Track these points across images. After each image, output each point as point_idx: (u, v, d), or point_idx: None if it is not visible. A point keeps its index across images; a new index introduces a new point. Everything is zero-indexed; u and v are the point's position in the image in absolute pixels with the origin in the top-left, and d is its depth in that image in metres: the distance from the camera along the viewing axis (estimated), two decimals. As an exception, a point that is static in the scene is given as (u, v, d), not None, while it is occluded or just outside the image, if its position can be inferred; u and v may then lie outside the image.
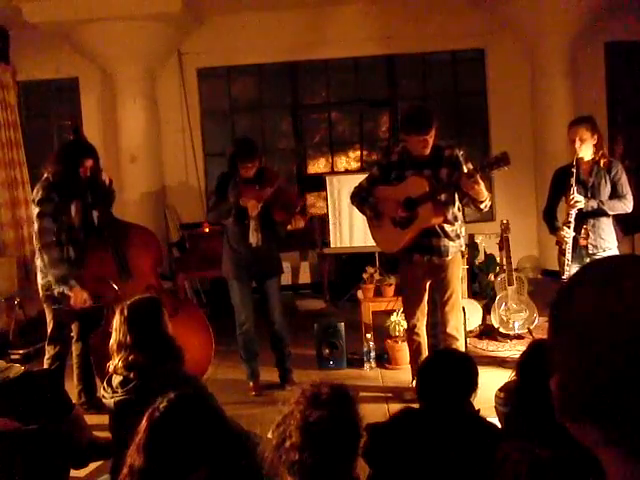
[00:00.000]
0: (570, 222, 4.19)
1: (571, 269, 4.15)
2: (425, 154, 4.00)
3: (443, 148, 4.08)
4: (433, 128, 3.92)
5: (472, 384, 2.31)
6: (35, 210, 4.15)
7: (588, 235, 4.22)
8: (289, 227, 4.49)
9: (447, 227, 4.07)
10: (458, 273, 4.25)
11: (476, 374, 2.35)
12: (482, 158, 7.68)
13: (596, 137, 4.20)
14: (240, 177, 4.41)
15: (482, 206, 3.93)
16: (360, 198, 4.27)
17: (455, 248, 4.14)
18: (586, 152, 4.21)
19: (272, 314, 4.61)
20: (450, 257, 4.12)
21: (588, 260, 4.05)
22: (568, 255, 4.20)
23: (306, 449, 1.59)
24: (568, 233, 4.20)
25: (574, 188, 4.15)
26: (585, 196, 4.19)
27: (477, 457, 1.84)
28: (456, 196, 4.05)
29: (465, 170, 3.89)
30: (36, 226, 4.14)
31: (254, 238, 4.42)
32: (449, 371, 2.29)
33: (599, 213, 4.22)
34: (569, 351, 0.76)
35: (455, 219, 4.10)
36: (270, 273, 4.62)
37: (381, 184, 4.19)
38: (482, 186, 3.78)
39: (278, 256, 4.77)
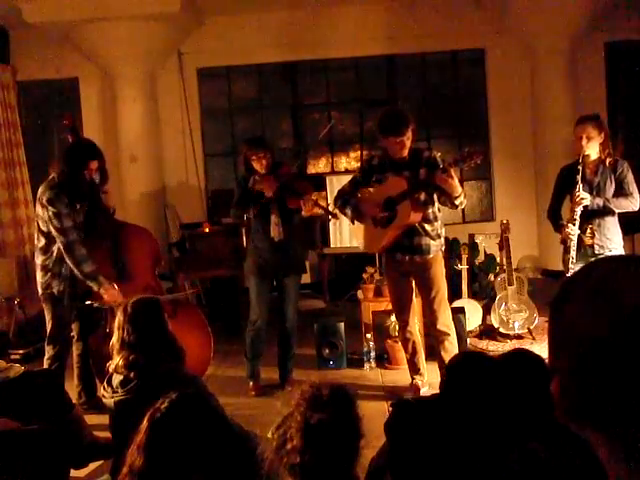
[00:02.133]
0: (575, 219, 4.15)
1: (575, 268, 4.13)
2: (402, 155, 4.10)
3: (422, 151, 4.23)
4: (409, 129, 4.02)
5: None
6: (48, 211, 4.08)
7: (593, 235, 4.18)
8: (304, 213, 4.45)
9: (427, 226, 4.15)
10: (442, 271, 4.32)
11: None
12: (489, 157, 7.71)
13: (603, 135, 4.18)
14: (258, 173, 4.45)
15: (457, 202, 4.00)
16: (342, 201, 4.38)
17: (436, 247, 4.22)
18: (592, 150, 4.19)
19: (286, 311, 4.62)
20: (432, 255, 4.20)
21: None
22: (572, 253, 4.16)
23: (307, 451, 1.59)
24: (573, 230, 4.16)
25: (580, 185, 4.12)
26: (591, 195, 4.15)
27: (487, 455, 1.84)
28: (435, 196, 4.12)
29: (440, 166, 3.98)
30: (56, 225, 4.07)
31: (275, 232, 4.46)
32: (481, 378, 2.24)
33: (605, 212, 4.18)
34: (568, 353, 0.76)
35: (435, 219, 4.19)
36: (291, 270, 4.61)
37: (363, 187, 4.30)
38: (456, 180, 3.88)
39: (301, 255, 4.78)
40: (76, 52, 7.67)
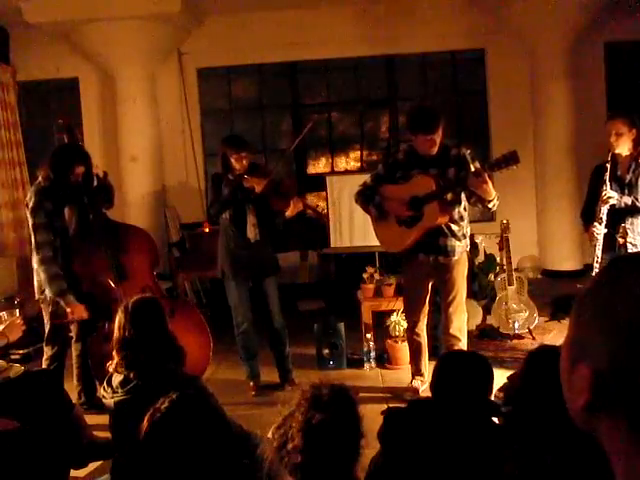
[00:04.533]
0: (601, 218, 4.05)
1: (601, 266, 4.05)
2: (432, 153, 3.95)
3: (450, 147, 4.05)
4: (440, 127, 3.89)
5: (487, 389, 2.26)
6: (29, 220, 4.13)
7: (626, 233, 4.05)
8: (288, 214, 4.38)
9: (454, 227, 4.03)
10: (464, 273, 4.19)
11: (492, 379, 2.30)
12: (489, 157, 7.71)
13: (634, 132, 4.06)
14: (234, 172, 4.36)
15: (490, 205, 3.89)
16: (365, 197, 4.20)
17: (461, 248, 4.10)
18: (623, 147, 4.07)
19: (271, 314, 4.59)
20: (456, 257, 4.08)
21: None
22: (598, 252, 4.08)
23: (308, 452, 1.59)
24: (598, 229, 4.07)
25: (607, 184, 4.03)
26: (622, 193, 4.06)
27: (481, 456, 1.84)
28: (462, 195, 4.00)
29: (473, 169, 3.84)
30: (33, 239, 4.12)
31: (252, 233, 4.40)
32: (466, 373, 2.24)
33: (637, 211, 4.07)
34: (613, 336, 0.73)
35: (461, 218, 4.06)
36: (268, 272, 4.58)
37: (386, 183, 4.14)
38: (490, 185, 3.73)
39: (275, 255, 4.74)
40: (76, 52, 7.67)
